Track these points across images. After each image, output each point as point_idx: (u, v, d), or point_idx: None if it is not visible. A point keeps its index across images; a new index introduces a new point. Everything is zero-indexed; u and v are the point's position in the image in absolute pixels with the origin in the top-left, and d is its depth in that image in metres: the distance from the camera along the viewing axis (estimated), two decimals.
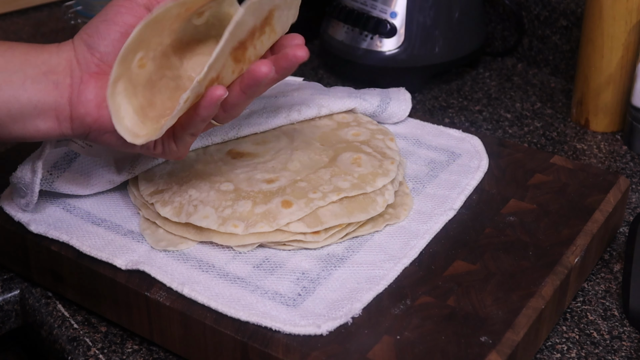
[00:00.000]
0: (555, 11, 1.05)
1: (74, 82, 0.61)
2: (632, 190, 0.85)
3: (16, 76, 0.61)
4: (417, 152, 0.79)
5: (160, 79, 0.63)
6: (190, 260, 0.65)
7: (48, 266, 0.69)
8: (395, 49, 1.00)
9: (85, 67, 0.62)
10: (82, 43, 0.62)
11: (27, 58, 0.62)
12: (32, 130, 0.62)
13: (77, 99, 0.61)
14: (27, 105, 0.61)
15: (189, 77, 0.65)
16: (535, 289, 0.62)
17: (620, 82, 0.92)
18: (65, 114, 0.62)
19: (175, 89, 0.64)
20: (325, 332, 0.58)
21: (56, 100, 0.61)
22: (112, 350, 0.66)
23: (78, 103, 0.61)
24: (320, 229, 0.66)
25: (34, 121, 0.61)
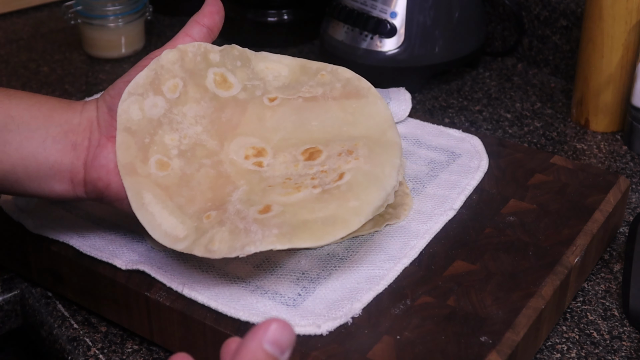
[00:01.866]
0: (555, 11, 1.05)
1: (92, 145, 0.60)
2: (632, 190, 0.85)
3: (38, 133, 0.59)
4: (417, 152, 0.79)
5: (198, 171, 0.61)
6: (190, 260, 0.65)
7: (48, 266, 0.69)
8: (395, 49, 1.00)
9: (105, 130, 0.61)
10: (104, 104, 0.61)
11: (51, 115, 0.60)
12: (48, 190, 0.61)
13: (92, 163, 0.60)
14: (44, 164, 0.60)
15: (231, 161, 0.62)
16: (535, 289, 0.62)
17: (620, 82, 0.92)
18: (79, 178, 0.60)
19: (217, 176, 0.62)
20: (325, 332, 0.58)
21: (72, 162, 0.60)
22: (112, 350, 0.66)
23: (92, 167, 0.60)
24: None
25: (50, 182, 0.60)
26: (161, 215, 0.59)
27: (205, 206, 0.60)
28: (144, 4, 1.13)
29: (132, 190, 0.60)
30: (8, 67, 1.12)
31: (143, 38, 1.15)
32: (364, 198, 0.59)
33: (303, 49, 1.17)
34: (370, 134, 0.64)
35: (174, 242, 0.59)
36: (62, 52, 1.16)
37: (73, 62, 1.13)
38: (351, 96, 0.66)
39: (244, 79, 0.66)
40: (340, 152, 0.62)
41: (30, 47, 1.18)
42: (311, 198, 0.59)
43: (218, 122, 0.64)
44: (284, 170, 0.62)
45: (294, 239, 0.56)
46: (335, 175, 0.61)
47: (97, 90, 1.04)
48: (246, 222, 0.58)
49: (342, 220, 0.57)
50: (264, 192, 0.60)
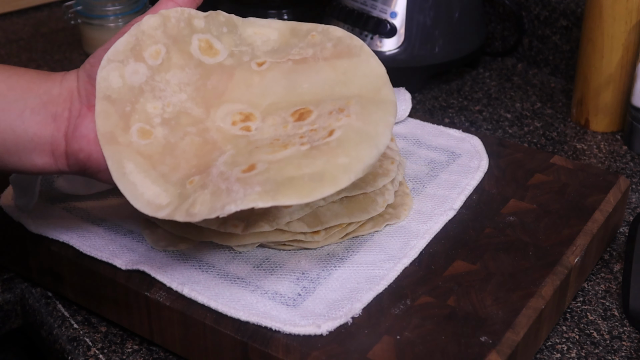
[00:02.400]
0: (555, 11, 1.05)
1: (72, 115, 0.59)
2: (632, 190, 0.85)
3: (15, 105, 0.58)
4: (417, 152, 0.79)
5: (182, 139, 0.60)
6: (190, 260, 0.65)
7: (48, 266, 0.69)
8: (395, 49, 1.00)
9: (85, 99, 0.59)
10: (84, 73, 0.60)
11: (30, 86, 0.58)
12: (29, 165, 0.59)
13: (72, 134, 0.58)
14: (22, 137, 0.58)
15: (217, 128, 0.60)
16: (535, 289, 0.62)
17: (620, 82, 0.92)
18: (61, 150, 0.59)
19: (203, 143, 0.60)
20: (325, 332, 0.58)
21: (52, 134, 0.58)
22: (112, 350, 0.66)
23: (73, 138, 0.58)
24: (320, 229, 0.66)
25: (30, 155, 0.58)
26: (143, 184, 0.57)
27: (189, 172, 0.58)
28: (144, 4, 1.13)
29: (112, 159, 0.57)
30: None
31: None
32: (354, 155, 0.55)
33: None
34: (363, 93, 0.61)
35: (156, 210, 0.56)
36: (62, 52, 1.16)
37: (73, 62, 1.13)
38: (343, 55, 0.63)
39: (231, 44, 0.64)
40: (331, 110, 0.59)
41: (30, 47, 1.18)
42: (298, 154, 0.56)
43: (203, 90, 0.62)
44: (273, 132, 0.60)
45: (278, 195, 0.53)
46: (325, 133, 0.57)
47: None
48: (229, 182, 0.55)
49: (331, 177, 0.54)
50: (250, 154, 0.58)
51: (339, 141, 0.56)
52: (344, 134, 0.57)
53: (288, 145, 0.57)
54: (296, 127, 0.59)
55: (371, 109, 0.59)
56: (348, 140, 0.56)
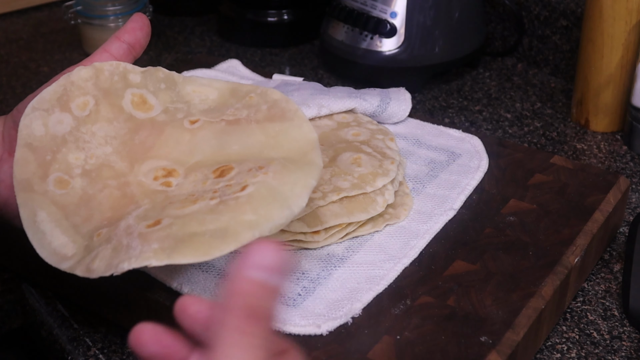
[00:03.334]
0: (555, 11, 1.05)
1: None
2: (632, 190, 0.85)
3: None
4: (417, 152, 0.79)
5: (101, 191, 0.59)
6: None
7: (48, 266, 0.69)
8: (395, 49, 1.00)
9: (8, 145, 0.59)
10: (11, 119, 0.60)
11: None
12: None
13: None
14: None
15: (138, 182, 0.59)
16: (535, 289, 0.62)
17: (620, 82, 0.92)
18: None
19: (121, 197, 0.58)
20: (325, 332, 0.58)
21: None
22: (112, 350, 0.66)
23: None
24: (320, 229, 0.66)
25: None
26: (52, 233, 0.56)
27: (100, 224, 0.57)
28: (144, 4, 1.13)
29: (24, 206, 0.57)
30: (8, 67, 1.12)
31: None
32: (262, 213, 0.53)
33: (303, 49, 1.17)
34: (289, 156, 0.59)
35: (59, 261, 0.56)
36: (62, 52, 1.16)
37: (73, 62, 1.12)
38: (275, 119, 0.61)
39: (167, 101, 0.63)
40: (251, 167, 0.57)
41: (30, 47, 1.18)
42: (205, 209, 0.54)
43: (130, 144, 0.61)
44: (192, 188, 0.58)
45: (174, 254, 0.51)
46: (238, 188, 0.55)
47: None
48: (130, 238, 0.54)
49: (233, 233, 0.52)
50: (163, 209, 0.56)
51: (249, 197, 0.54)
52: (256, 190, 0.54)
53: (198, 200, 0.55)
54: (214, 183, 0.57)
55: (292, 169, 0.56)
56: (259, 197, 0.54)
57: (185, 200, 0.56)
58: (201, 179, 0.58)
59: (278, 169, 0.56)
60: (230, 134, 0.61)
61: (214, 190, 0.56)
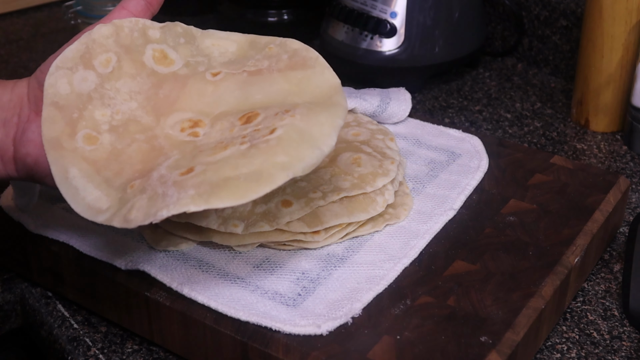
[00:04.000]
0: (555, 11, 1.05)
1: (21, 121, 0.59)
2: (632, 190, 0.85)
3: None
4: (417, 152, 0.79)
5: (130, 145, 0.59)
6: (190, 260, 0.65)
7: (48, 266, 0.69)
8: (395, 49, 1.00)
9: (35, 105, 0.60)
10: (35, 79, 0.60)
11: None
12: None
13: (20, 138, 0.59)
14: None
15: (166, 135, 0.60)
16: (535, 289, 0.62)
17: (620, 82, 0.92)
18: (9, 155, 0.59)
19: (150, 150, 0.59)
20: (325, 332, 0.58)
21: (1, 139, 0.59)
22: (112, 350, 0.66)
23: (20, 142, 0.59)
24: (320, 229, 0.66)
25: None
26: (85, 188, 0.56)
27: (132, 177, 0.57)
28: None
29: (56, 164, 0.57)
30: (8, 67, 1.12)
31: None
32: (294, 154, 0.53)
33: None
34: (314, 100, 0.59)
35: (95, 215, 0.56)
36: None
37: None
38: (297, 67, 0.62)
39: (187, 55, 0.63)
40: (277, 112, 0.58)
41: (30, 47, 1.18)
42: (237, 154, 0.55)
43: (155, 98, 0.61)
44: (219, 136, 0.59)
45: (212, 198, 0.52)
46: (267, 131, 0.56)
47: None
48: (165, 186, 0.54)
49: (268, 175, 0.52)
50: (194, 157, 0.57)
51: (278, 139, 0.54)
52: (285, 132, 0.55)
53: (228, 146, 0.56)
54: (242, 129, 0.58)
55: (318, 111, 0.57)
56: (289, 139, 0.54)
57: (216, 148, 0.56)
58: (228, 127, 0.59)
59: (304, 112, 0.56)
60: (253, 84, 0.62)
61: (242, 135, 0.57)
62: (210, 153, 0.56)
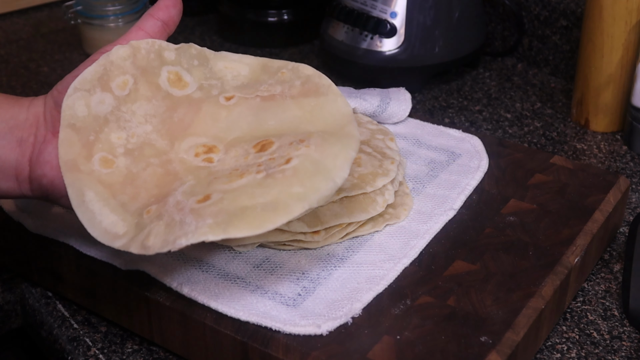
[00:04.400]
0: (555, 11, 1.05)
1: (37, 141, 0.59)
2: (632, 190, 0.85)
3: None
4: (417, 152, 0.79)
5: (145, 169, 0.60)
6: (190, 260, 0.65)
7: (48, 266, 0.69)
8: (395, 49, 1.00)
9: (51, 126, 0.60)
10: (51, 99, 0.60)
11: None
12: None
13: (37, 159, 0.59)
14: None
15: (180, 160, 0.60)
16: (535, 289, 0.62)
17: (620, 82, 0.92)
18: (24, 175, 0.59)
19: (165, 174, 0.60)
20: (325, 332, 0.58)
21: (17, 159, 0.59)
22: (112, 350, 0.66)
23: (37, 163, 0.59)
24: (320, 229, 0.66)
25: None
26: (102, 212, 0.57)
27: (148, 202, 0.58)
28: (144, 4, 1.13)
29: (72, 186, 0.58)
30: (8, 67, 1.12)
31: None
32: (309, 185, 0.55)
33: (303, 49, 1.17)
34: (327, 129, 0.60)
35: (112, 240, 0.56)
36: (62, 52, 1.16)
37: (73, 62, 1.13)
38: (310, 94, 0.62)
39: (201, 78, 0.64)
40: (292, 141, 0.59)
41: (30, 47, 1.18)
42: (253, 183, 0.56)
43: (169, 122, 0.62)
44: (234, 163, 0.59)
45: (229, 228, 0.53)
46: (282, 161, 0.57)
47: None
48: (183, 213, 0.55)
49: (284, 206, 0.54)
50: (209, 184, 0.58)
51: (294, 170, 0.55)
52: (301, 163, 0.56)
53: (244, 174, 0.57)
54: (257, 157, 0.59)
55: (332, 142, 0.58)
56: (304, 170, 0.55)
57: (231, 175, 0.57)
58: (242, 154, 0.60)
59: (319, 142, 0.57)
60: (266, 109, 0.62)
61: (258, 164, 0.57)
62: (225, 181, 0.57)
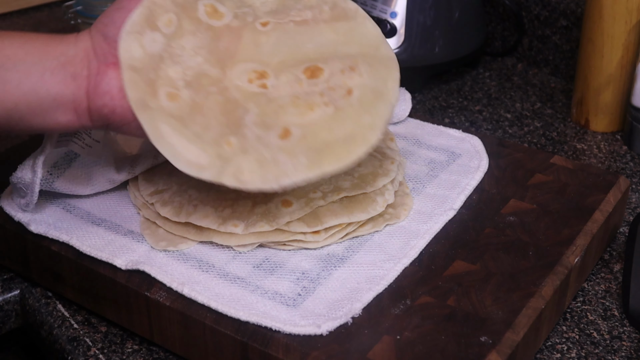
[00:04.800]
0: (555, 11, 1.05)
1: (91, 74, 0.61)
2: (632, 190, 0.85)
3: (35, 68, 0.60)
4: (417, 152, 0.79)
5: (207, 98, 0.62)
6: (190, 260, 0.65)
7: (48, 266, 0.69)
8: (395, 49, 1.00)
9: (102, 58, 0.62)
10: (98, 33, 0.62)
11: (46, 50, 0.61)
12: (52, 123, 0.62)
13: (94, 91, 0.61)
14: (46, 98, 0.60)
15: (236, 87, 0.63)
16: (535, 289, 0.62)
17: (620, 82, 0.92)
18: (83, 107, 0.61)
19: (226, 102, 0.62)
20: (325, 332, 0.58)
21: (74, 92, 0.61)
22: (112, 350, 0.66)
23: (95, 95, 0.61)
24: (320, 229, 0.66)
25: (54, 114, 0.61)
26: (181, 144, 0.60)
27: (221, 131, 0.61)
28: None
29: (148, 124, 0.60)
30: None
31: None
32: (374, 113, 0.61)
33: None
34: (364, 51, 0.65)
35: (198, 171, 0.59)
36: None
37: None
38: (340, 18, 0.67)
39: (233, 7, 0.67)
40: (342, 69, 0.64)
41: None
42: (326, 117, 0.61)
43: (216, 51, 0.64)
44: (289, 90, 0.63)
45: (323, 165, 0.59)
46: (344, 92, 0.62)
47: None
48: (272, 151, 0.59)
49: (361, 137, 0.60)
50: (276, 114, 0.61)
51: (359, 101, 0.62)
52: (362, 93, 0.62)
53: (313, 107, 0.61)
54: (311, 84, 0.63)
55: (377, 67, 0.64)
56: (367, 101, 0.62)
57: (297, 105, 0.62)
58: (294, 80, 0.64)
59: (367, 69, 0.64)
60: (302, 33, 0.67)
61: (319, 93, 0.62)
62: (295, 112, 0.61)
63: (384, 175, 0.70)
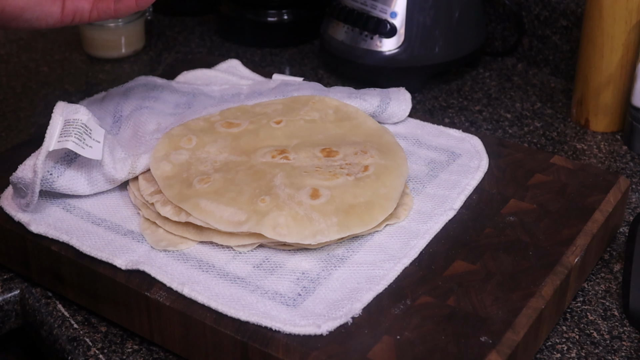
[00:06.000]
0: (555, 11, 1.05)
1: None
2: (632, 190, 0.85)
3: None
4: (417, 152, 0.79)
5: (237, 174, 0.70)
6: (190, 260, 0.65)
7: (48, 266, 0.69)
8: (395, 49, 1.00)
9: None
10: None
11: None
12: None
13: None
14: None
15: (262, 163, 0.71)
16: (535, 289, 0.62)
17: (620, 82, 0.92)
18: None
19: (254, 173, 0.70)
20: (325, 332, 0.58)
21: None
22: (112, 350, 0.66)
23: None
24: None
25: None
26: (219, 208, 0.65)
27: (254, 193, 0.67)
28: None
29: (186, 204, 0.66)
30: (8, 67, 1.12)
31: (143, 38, 1.15)
32: (390, 185, 0.69)
33: (303, 49, 1.17)
34: (371, 139, 0.75)
35: (238, 226, 0.64)
36: (62, 52, 1.16)
37: (73, 62, 1.13)
38: (344, 119, 0.78)
39: (247, 119, 0.77)
40: (354, 151, 0.72)
41: (30, 47, 1.18)
42: (349, 184, 0.68)
43: (239, 147, 0.73)
44: (310, 162, 0.71)
45: (351, 226, 0.65)
46: (361, 167, 0.70)
47: (97, 90, 1.04)
48: (304, 209, 0.65)
49: (379, 205, 0.67)
50: (303, 177, 0.68)
51: (375, 175, 0.69)
52: (377, 169, 0.70)
53: (336, 174, 0.69)
54: (329, 160, 0.71)
55: (384, 150, 0.73)
56: (382, 175, 0.69)
57: (321, 172, 0.69)
58: (313, 156, 0.72)
59: (377, 152, 0.72)
60: (312, 129, 0.76)
61: (340, 166, 0.70)
62: (321, 177, 0.68)
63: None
